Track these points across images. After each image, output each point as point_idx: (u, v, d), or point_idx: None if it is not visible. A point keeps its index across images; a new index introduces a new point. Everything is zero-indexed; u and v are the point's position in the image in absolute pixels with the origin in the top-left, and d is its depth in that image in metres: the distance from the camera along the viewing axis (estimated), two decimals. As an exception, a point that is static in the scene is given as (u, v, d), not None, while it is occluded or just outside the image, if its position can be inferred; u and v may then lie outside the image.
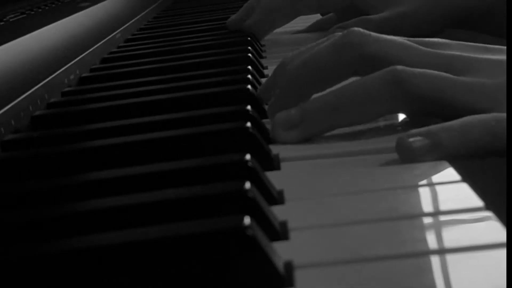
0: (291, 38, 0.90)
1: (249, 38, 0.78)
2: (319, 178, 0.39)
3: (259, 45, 0.83)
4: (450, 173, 0.37)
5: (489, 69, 0.43)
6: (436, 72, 0.43)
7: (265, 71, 0.69)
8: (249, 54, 0.68)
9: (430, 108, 0.43)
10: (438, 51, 0.45)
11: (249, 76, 0.57)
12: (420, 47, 0.46)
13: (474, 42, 0.46)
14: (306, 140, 0.45)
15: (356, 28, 0.46)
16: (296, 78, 0.48)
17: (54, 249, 0.29)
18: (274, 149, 0.44)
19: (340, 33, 0.47)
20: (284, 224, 0.33)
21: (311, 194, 0.37)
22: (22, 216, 0.34)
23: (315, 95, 0.47)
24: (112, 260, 0.28)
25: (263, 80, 0.63)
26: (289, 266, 0.29)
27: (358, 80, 0.44)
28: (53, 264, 0.28)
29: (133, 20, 0.99)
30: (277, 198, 0.37)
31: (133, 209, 0.33)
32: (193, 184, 0.35)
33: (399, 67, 0.43)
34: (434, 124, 0.41)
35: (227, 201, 0.33)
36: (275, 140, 0.45)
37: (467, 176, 0.36)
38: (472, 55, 0.45)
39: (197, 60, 0.69)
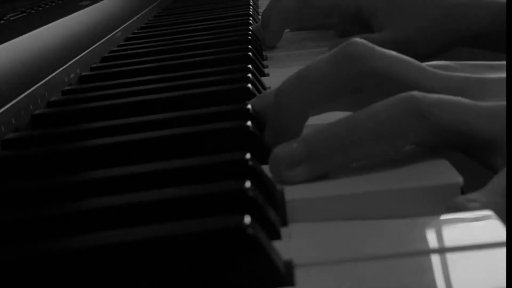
0: (291, 37, 0.90)
1: (249, 37, 0.78)
2: (322, 177, 0.39)
3: (260, 44, 0.83)
4: (449, 173, 0.37)
5: (500, 88, 0.40)
6: (456, 98, 0.38)
7: (266, 70, 0.69)
8: (250, 53, 0.68)
9: (452, 139, 0.38)
10: (451, 73, 0.41)
11: (250, 75, 0.57)
12: (431, 68, 0.41)
13: (477, 58, 0.44)
14: (317, 179, 0.38)
15: (358, 39, 0.41)
16: (289, 97, 0.41)
17: (54, 248, 0.29)
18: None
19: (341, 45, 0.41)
20: (284, 223, 0.33)
21: (312, 193, 0.37)
22: (22, 215, 0.34)
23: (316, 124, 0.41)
24: (112, 259, 0.28)
25: (264, 79, 0.63)
26: (289, 265, 0.29)
27: (370, 109, 0.38)
28: (52, 263, 0.28)
29: (133, 19, 0.99)
30: (277, 197, 0.37)
31: (133, 208, 0.33)
32: (193, 183, 0.35)
33: (417, 94, 0.38)
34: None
35: (228, 200, 0.33)
36: (276, 181, 0.38)
37: (468, 175, 0.36)
38: (481, 75, 0.41)
39: (198, 58, 0.69)
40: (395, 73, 0.40)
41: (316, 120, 0.42)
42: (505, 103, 0.38)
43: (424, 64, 0.42)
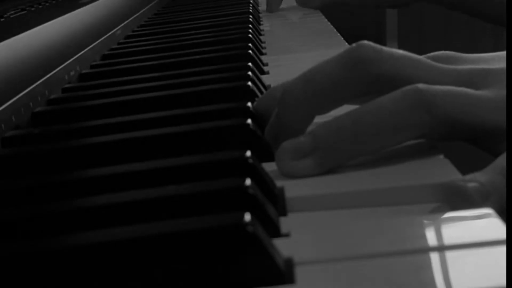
0: (290, 34, 0.91)
1: (249, 35, 0.78)
2: (322, 176, 0.39)
3: (259, 42, 0.83)
4: (449, 171, 0.37)
5: (504, 77, 0.40)
6: (460, 89, 0.39)
7: (265, 68, 0.69)
8: (249, 51, 0.68)
9: (457, 130, 0.39)
10: (457, 67, 0.42)
11: (249, 72, 0.57)
12: (438, 64, 0.42)
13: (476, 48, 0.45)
14: (323, 173, 0.39)
15: (366, 42, 0.41)
16: (295, 101, 0.41)
17: (56, 245, 0.29)
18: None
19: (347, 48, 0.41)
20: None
21: (313, 190, 0.37)
22: (22, 213, 0.34)
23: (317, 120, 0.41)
24: (112, 256, 0.28)
25: (263, 77, 0.63)
26: (289, 263, 0.29)
27: (376, 102, 0.39)
28: (53, 261, 0.28)
29: (133, 17, 0.99)
30: (277, 195, 0.37)
31: (134, 205, 0.33)
32: (194, 180, 0.35)
33: (422, 86, 0.38)
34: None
35: (228, 198, 0.33)
36: (283, 173, 0.39)
37: (467, 173, 0.36)
38: (485, 66, 0.42)
39: (198, 56, 0.69)
40: (404, 73, 0.40)
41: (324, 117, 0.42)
42: (503, 92, 0.39)
43: (431, 54, 0.43)
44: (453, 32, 1.78)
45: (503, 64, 0.42)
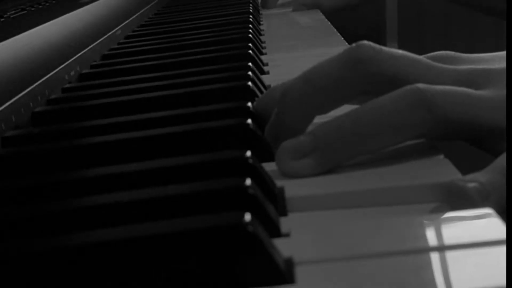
0: (291, 34, 0.91)
1: (249, 35, 0.78)
2: (322, 176, 0.39)
3: (260, 42, 0.83)
4: (449, 170, 0.37)
5: (504, 78, 0.40)
6: (460, 89, 0.39)
7: (265, 68, 0.69)
8: (250, 51, 0.68)
9: (457, 129, 0.39)
10: (457, 67, 0.42)
11: (250, 72, 0.57)
12: (438, 64, 0.42)
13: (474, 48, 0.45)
14: (323, 173, 0.39)
15: (366, 42, 0.41)
16: (295, 101, 0.41)
17: (56, 245, 0.29)
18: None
19: (348, 48, 0.41)
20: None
21: (312, 190, 0.37)
22: (22, 213, 0.34)
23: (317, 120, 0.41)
24: (112, 256, 0.28)
25: (263, 76, 0.63)
26: (289, 263, 0.29)
27: (375, 101, 0.39)
28: (55, 261, 0.28)
29: (133, 17, 0.99)
30: (277, 195, 0.37)
31: (133, 205, 0.33)
32: (194, 180, 0.35)
33: (422, 85, 0.38)
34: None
35: (228, 198, 0.33)
36: (283, 173, 0.39)
37: (467, 173, 0.36)
38: (486, 66, 0.42)
39: (198, 56, 0.69)
40: (404, 73, 0.40)
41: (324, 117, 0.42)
42: (503, 92, 0.39)
43: (431, 54, 0.43)
44: (453, 32, 1.78)
45: (503, 64, 0.42)
